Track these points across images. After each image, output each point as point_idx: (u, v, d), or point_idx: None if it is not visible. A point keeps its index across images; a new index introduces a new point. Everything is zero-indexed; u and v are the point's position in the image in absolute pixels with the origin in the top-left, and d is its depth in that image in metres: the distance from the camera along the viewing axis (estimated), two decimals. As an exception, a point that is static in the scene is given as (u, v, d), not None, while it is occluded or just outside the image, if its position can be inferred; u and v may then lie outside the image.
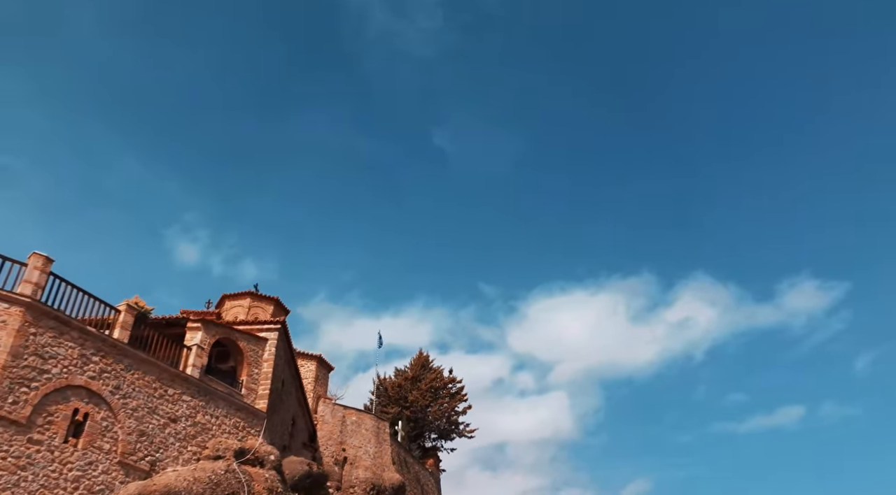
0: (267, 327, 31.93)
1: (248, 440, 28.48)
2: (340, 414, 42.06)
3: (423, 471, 50.28)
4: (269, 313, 50.99)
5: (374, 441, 42.34)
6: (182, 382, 26.22)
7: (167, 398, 25.43)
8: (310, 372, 46.74)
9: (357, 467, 40.65)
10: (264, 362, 30.95)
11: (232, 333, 30.01)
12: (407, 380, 54.24)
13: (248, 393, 29.62)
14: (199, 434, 26.37)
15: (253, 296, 51.58)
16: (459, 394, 56.12)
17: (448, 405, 53.20)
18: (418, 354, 57.00)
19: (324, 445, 40.53)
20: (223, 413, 27.77)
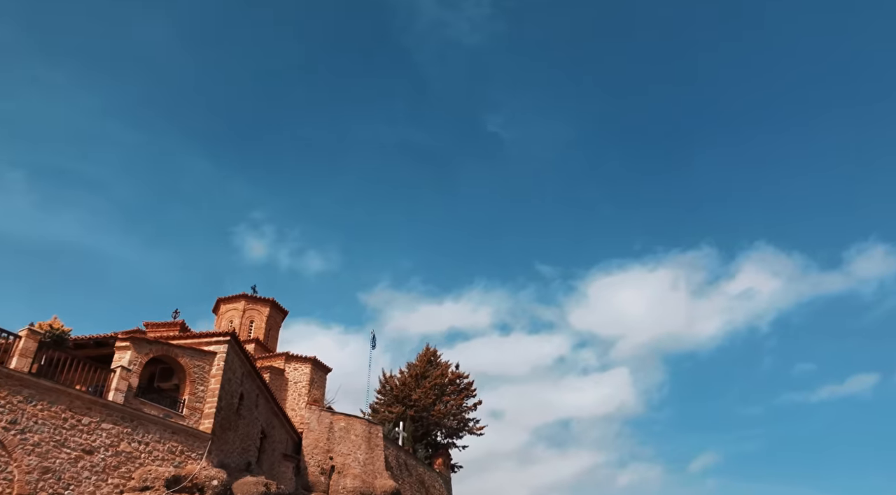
0: (216, 340, 29.13)
1: (187, 465, 25.83)
2: (328, 421, 39.28)
3: (429, 473, 47.21)
4: (264, 316, 48.77)
5: (365, 447, 39.42)
6: (100, 409, 23.60)
7: (81, 428, 22.84)
8: (304, 375, 44.12)
9: (345, 476, 37.84)
10: (211, 378, 28.19)
11: (170, 350, 27.31)
12: (412, 378, 51.15)
13: (191, 413, 26.92)
14: (124, 464, 23.76)
15: (248, 298, 49.38)
16: (468, 390, 52.78)
17: (455, 402, 49.92)
18: (425, 349, 53.84)
19: (309, 454, 37.84)
20: (155, 438, 25.12)
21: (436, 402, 48.77)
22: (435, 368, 51.44)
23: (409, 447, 45.94)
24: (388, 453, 42.06)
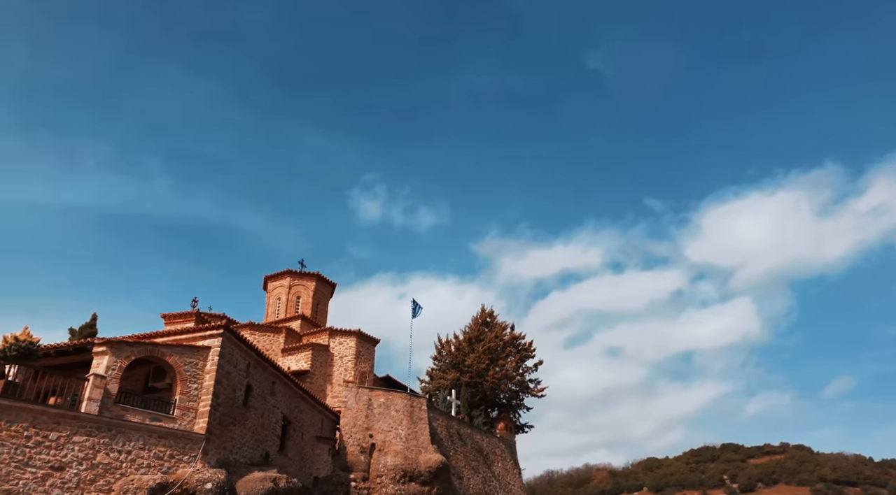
0: (210, 334, 27.01)
1: (177, 470, 24.03)
2: (366, 398, 36.97)
3: (488, 439, 44.33)
4: (310, 290, 46.91)
5: (407, 422, 36.91)
6: (70, 422, 21.96)
7: (48, 444, 21.27)
8: (349, 349, 42.07)
9: (386, 453, 35.56)
10: (206, 374, 26.14)
11: (155, 350, 25.39)
12: (466, 342, 48.05)
13: (183, 413, 25.00)
14: (101, 476, 22.12)
15: (292, 274, 47.68)
16: (527, 351, 49.12)
17: (511, 365, 46.44)
18: (480, 311, 50.38)
19: (347, 434, 35.76)
20: (138, 445, 23.35)
21: (490, 367, 45.52)
22: (490, 330, 48.07)
23: (465, 414, 43.16)
24: (438, 424, 39.44)
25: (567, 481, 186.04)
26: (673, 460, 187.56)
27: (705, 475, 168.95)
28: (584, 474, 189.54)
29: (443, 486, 35.84)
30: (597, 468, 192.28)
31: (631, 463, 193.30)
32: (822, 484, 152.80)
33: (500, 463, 43.97)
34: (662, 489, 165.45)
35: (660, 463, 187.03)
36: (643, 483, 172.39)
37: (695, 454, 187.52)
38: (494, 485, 42.08)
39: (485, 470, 41.82)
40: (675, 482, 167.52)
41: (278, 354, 41.48)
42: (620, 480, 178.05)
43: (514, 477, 45.26)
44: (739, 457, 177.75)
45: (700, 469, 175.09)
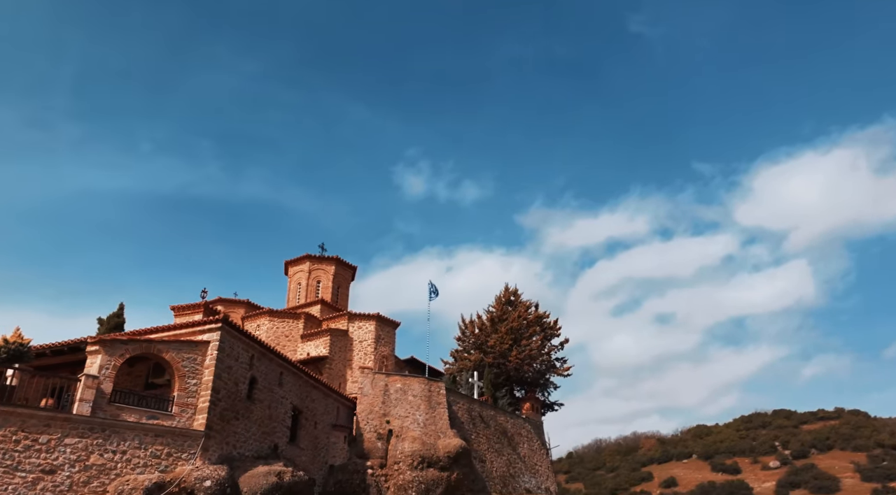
0: (208, 328, 26.28)
1: (175, 468, 23.50)
2: (382, 383, 36.06)
3: (513, 421, 43.09)
4: (330, 274, 46.15)
5: (425, 407, 35.93)
6: (62, 424, 21.55)
7: (38, 447, 20.91)
8: (368, 333, 41.28)
9: (403, 439, 34.69)
10: (205, 370, 25.48)
11: (151, 347, 24.80)
12: (489, 322, 46.67)
13: (182, 410, 24.42)
14: (95, 478, 21.70)
15: (312, 258, 46.98)
16: (552, 329, 47.48)
17: (534, 344, 44.89)
18: (504, 290, 48.86)
19: (364, 420, 34.98)
20: (134, 445, 22.86)
21: (513, 347, 44.09)
22: (514, 309, 46.56)
23: (488, 396, 41.99)
24: (458, 408, 38.38)
25: (615, 449, 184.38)
26: (723, 427, 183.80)
27: (756, 442, 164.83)
28: (633, 442, 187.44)
29: (463, 471, 34.87)
30: (645, 436, 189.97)
31: (680, 431, 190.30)
32: (880, 450, 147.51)
33: (525, 445, 42.78)
34: (712, 456, 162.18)
35: (709, 430, 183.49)
36: (692, 450, 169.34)
37: (745, 421, 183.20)
38: (519, 467, 40.96)
39: (509, 452, 40.71)
40: (725, 449, 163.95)
41: (297, 340, 40.94)
42: (669, 448, 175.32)
43: (542, 457, 44.05)
44: (792, 424, 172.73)
45: (751, 436, 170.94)
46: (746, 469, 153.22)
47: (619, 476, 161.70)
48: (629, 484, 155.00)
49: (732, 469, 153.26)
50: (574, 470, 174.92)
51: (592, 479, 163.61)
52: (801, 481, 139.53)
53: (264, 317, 41.33)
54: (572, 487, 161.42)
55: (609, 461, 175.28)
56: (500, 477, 38.52)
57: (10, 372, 22.21)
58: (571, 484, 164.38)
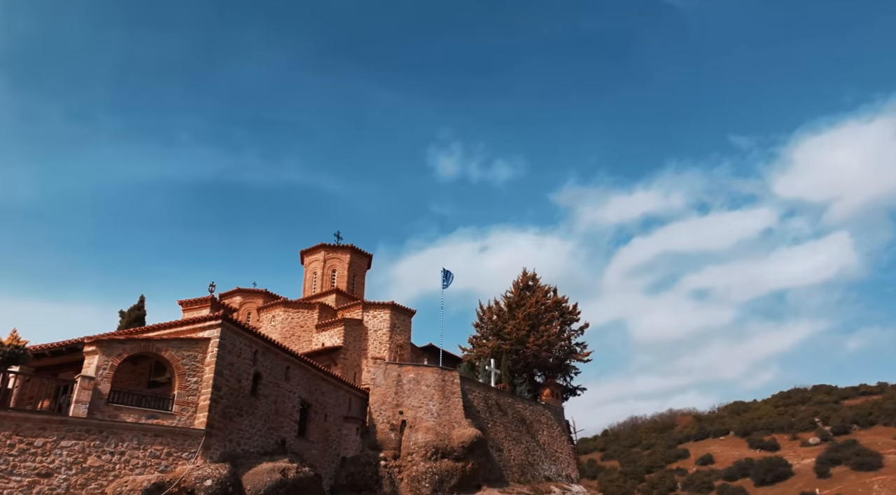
0: (209, 324, 25.78)
1: (176, 468, 23.15)
2: (395, 373, 35.39)
3: (532, 408, 42.11)
4: (345, 263, 45.57)
5: (439, 396, 35.18)
6: (57, 426, 21.24)
7: (34, 451, 20.62)
8: (383, 322, 40.58)
9: (417, 430, 34.04)
10: (206, 367, 25.02)
11: (150, 345, 24.39)
12: (507, 308, 45.54)
13: (182, 409, 24.03)
14: (93, 480, 21.41)
15: (326, 247, 46.40)
16: (572, 314, 46.19)
17: (552, 330, 43.62)
18: (522, 274, 47.64)
19: (377, 412, 34.40)
20: (133, 445, 22.51)
21: (530, 333, 42.95)
22: (532, 295, 45.33)
23: (506, 383, 41.06)
24: (474, 396, 37.56)
25: (651, 426, 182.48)
26: (761, 403, 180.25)
27: (795, 418, 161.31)
28: (668, 419, 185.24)
29: (478, 461, 34.13)
30: (681, 413, 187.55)
31: (717, 407, 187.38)
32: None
33: (545, 432, 41.83)
34: (750, 433, 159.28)
35: (747, 406, 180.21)
36: (729, 427, 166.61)
37: (784, 396, 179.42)
38: (539, 455, 40.05)
39: (528, 440, 39.81)
40: (763, 426, 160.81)
41: (312, 331, 40.47)
42: (706, 425, 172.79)
43: (562, 444, 43.06)
44: (833, 399, 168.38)
45: (790, 412, 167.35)
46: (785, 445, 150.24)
47: (654, 453, 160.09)
48: (665, 462, 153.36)
49: (770, 445, 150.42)
50: (609, 448, 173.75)
51: (628, 457, 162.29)
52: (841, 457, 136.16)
53: (279, 308, 40.93)
54: (608, 465, 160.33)
55: (645, 438, 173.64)
56: (518, 465, 37.69)
57: (9, 375, 22.00)
58: (607, 461, 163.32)
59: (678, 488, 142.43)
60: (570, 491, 39.26)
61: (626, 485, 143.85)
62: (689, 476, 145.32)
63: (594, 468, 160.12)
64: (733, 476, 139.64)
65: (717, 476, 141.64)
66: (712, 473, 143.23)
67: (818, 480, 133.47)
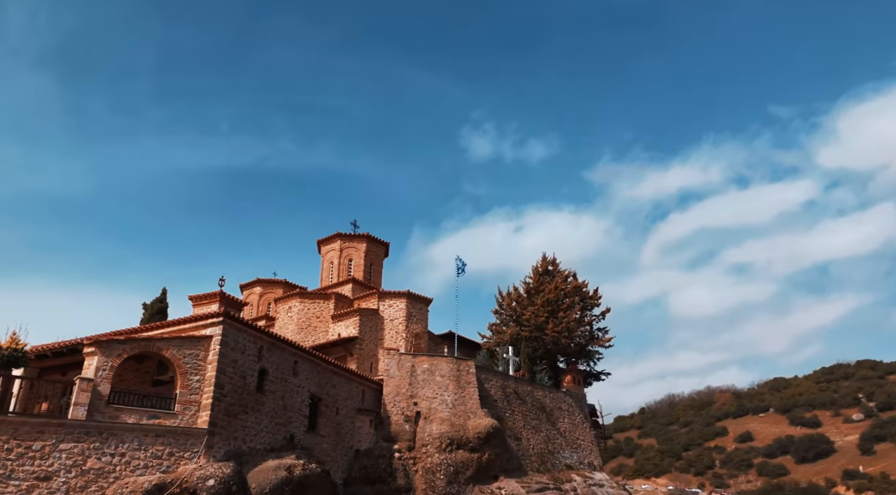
0: (211, 322, 25.32)
1: (178, 468, 22.82)
2: (409, 364, 34.69)
3: (552, 395, 41.05)
4: (361, 252, 44.95)
5: (454, 387, 34.41)
6: (56, 429, 21.03)
7: (31, 455, 20.44)
8: (399, 311, 39.95)
9: (431, 421, 33.38)
10: (208, 365, 24.60)
11: (150, 345, 24.02)
12: (525, 295, 44.34)
13: (185, 408, 23.65)
14: (93, 482, 21.18)
15: (342, 237, 45.85)
16: (593, 299, 44.80)
17: (571, 316, 42.29)
18: (542, 259, 46.32)
19: (391, 403, 33.80)
20: (133, 446, 22.22)
21: (548, 320, 41.74)
22: (551, 280, 44.04)
23: (525, 371, 40.04)
24: (491, 385, 36.70)
25: (688, 404, 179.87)
26: (802, 379, 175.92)
27: (838, 394, 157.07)
28: (706, 396, 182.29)
29: (495, 451, 33.35)
30: (720, 390, 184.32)
31: (756, 384, 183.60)
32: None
33: (566, 419, 40.78)
34: (790, 409, 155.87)
35: (787, 382, 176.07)
36: (769, 404, 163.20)
37: (826, 372, 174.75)
38: (559, 443, 39.07)
39: (548, 428, 38.84)
40: (805, 402, 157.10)
41: (328, 321, 39.99)
42: (745, 401, 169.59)
43: (584, 431, 41.96)
44: (877, 374, 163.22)
45: (832, 388, 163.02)
46: (827, 422, 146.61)
47: (692, 431, 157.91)
48: (703, 440, 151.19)
49: (812, 422, 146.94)
50: (647, 426, 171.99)
51: (665, 434, 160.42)
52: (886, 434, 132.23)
53: (295, 299, 40.53)
54: (645, 443, 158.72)
55: (682, 416, 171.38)
56: (537, 454, 36.80)
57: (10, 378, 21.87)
58: (644, 439, 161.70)
59: (716, 466, 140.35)
60: (593, 478, 38.26)
61: (662, 463, 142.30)
62: (728, 453, 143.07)
63: (631, 446, 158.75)
64: (773, 453, 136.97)
65: (757, 453, 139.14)
66: (751, 451, 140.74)
67: (862, 457, 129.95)
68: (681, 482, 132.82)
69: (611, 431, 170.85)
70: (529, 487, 33.67)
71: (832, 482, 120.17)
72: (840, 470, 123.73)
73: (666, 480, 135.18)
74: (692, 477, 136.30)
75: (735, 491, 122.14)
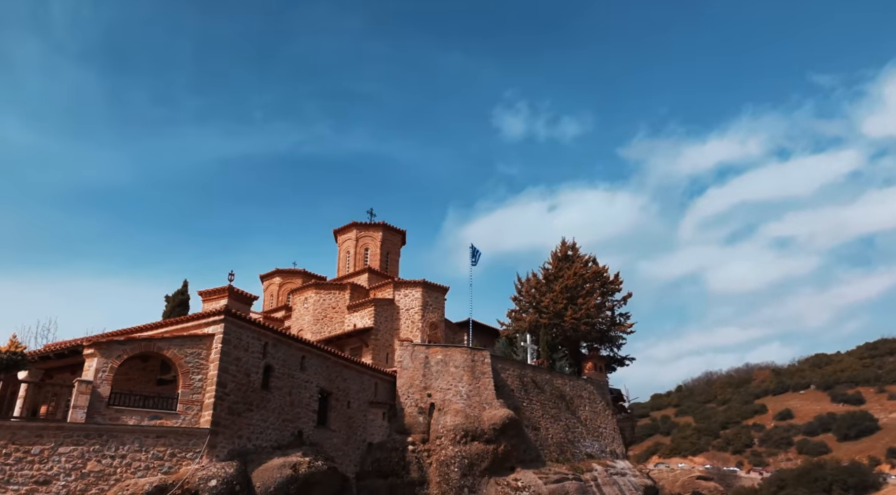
0: (212, 320, 24.86)
1: (180, 469, 22.51)
2: (422, 355, 33.94)
3: (572, 383, 39.90)
4: (378, 241, 44.27)
5: (468, 377, 33.58)
6: (55, 433, 20.83)
7: (30, 459, 20.28)
8: (415, 301, 39.28)
9: (446, 413, 32.65)
10: (210, 364, 24.19)
11: (150, 345, 23.66)
12: (544, 281, 43.04)
13: (187, 408, 23.31)
14: (93, 485, 20.97)
15: (358, 226, 45.16)
16: (614, 284, 43.30)
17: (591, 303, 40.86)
18: (560, 244, 44.91)
19: (404, 395, 33.16)
20: (134, 448, 21.95)
21: (567, 307, 40.43)
22: (570, 266, 42.66)
23: (545, 359, 38.95)
24: (508, 375, 35.77)
25: (726, 381, 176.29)
26: (844, 355, 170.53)
27: (882, 370, 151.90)
28: (745, 374, 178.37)
29: (511, 443, 32.48)
30: (758, 367, 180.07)
31: (797, 360, 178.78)
32: None
33: (587, 407, 39.64)
34: (832, 386, 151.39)
35: (829, 358, 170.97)
36: (810, 380, 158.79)
37: (870, 348, 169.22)
38: (580, 432, 38.01)
39: (567, 417, 37.79)
40: (847, 378, 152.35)
41: (344, 312, 39.44)
42: (785, 378, 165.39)
43: (606, 418, 40.78)
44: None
45: (876, 363, 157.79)
46: (871, 399, 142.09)
47: (730, 409, 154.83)
48: (741, 418, 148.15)
49: (855, 399, 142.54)
50: (684, 404, 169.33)
51: (702, 413, 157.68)
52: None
53: (310, 290, 40.06)
54: (682, 421, 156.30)
55: (720, 393, 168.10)
56: (556, 444, 35.84)
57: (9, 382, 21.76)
58: (681, 417, 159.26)
59: (755, 444, 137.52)
60: (615, 467, 37.18)
61: (699, 442, 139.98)
62: (767, 431, 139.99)
63: (668, 424, 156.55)
64: (814, 431, 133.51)
65: (797, 431, 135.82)
66: (791, 428, 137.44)
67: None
68: (718, 460, 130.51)
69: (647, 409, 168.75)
70: (547, 478, 32.74)
71: (876, 460, 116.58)
72: (884, 449, 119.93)
73: (703, 459, 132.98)
74: (730, 456, 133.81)
75: (774, 469, 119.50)
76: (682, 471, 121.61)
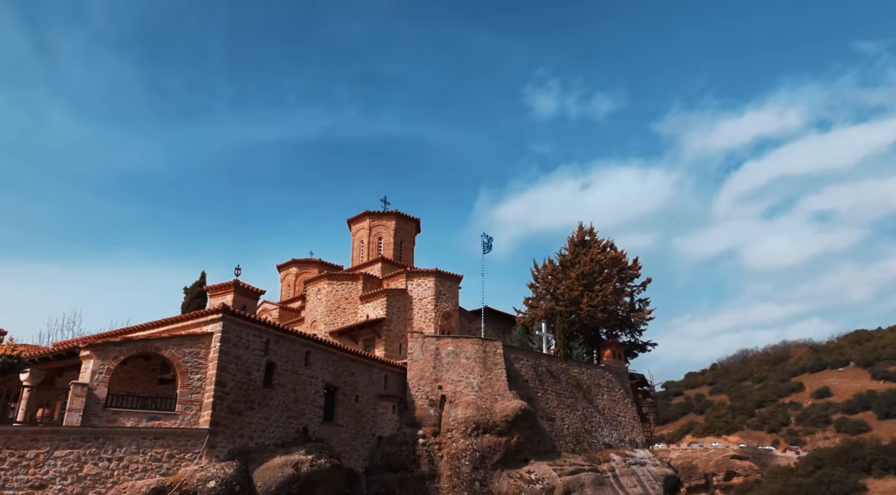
0: (211, 319, 24.35)
1: (179, 470, 22.14)
2: (433, 347, 33.11)
3: (589, 371, 38.68)
4: (391, 230, 43.50)
5: (479, 369, 32.68)
6: (50, 437, 20.56)
7: (25, 464, 20.04)
8: (427, 290, 38.49)
9: (457, 405, 31.86)
10: (209, 363, 23.72)
11: (148, 345, 23.24)
12: (561, 267, 41.65)
13: (186, 408, 22.91)
14: (90, 488, 20.68)
15: (371, 215, 44.41)
16: (633, 269, 41.71)
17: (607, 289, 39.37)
18: (577, 230, 43.36)
19: (415, 387, 32.43)
20: (132, 450, 21.60)
21: (583, 294, 39.06)
22: (587, 251, 41.17)
23: (561, 347, 37.80)
24: (521, 365, 34.78)
25: (762, 359, 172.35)
26: (886, 331, 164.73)
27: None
28: (782, 351, 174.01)
29: (524, 434, 31.62)
30: (795, 344, 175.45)
31: (836, 337, 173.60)
32: None
33: (605, 396, 38.45)
34: (873, 364, 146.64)
35: (870, 335, 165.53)
36: (849, 357, 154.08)
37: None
38: (597, 421, 36.90)
39: (584, 406, 36.69)
40: (889, 355, 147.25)
41: (357, 302, 38.80)
42: (823, 356, 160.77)
43: (625, 407, 39.56)
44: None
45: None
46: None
47: (766, 387, 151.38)
48: (777, 396, 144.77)
49: None
50: (719, 382, 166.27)
51: (738, 391, 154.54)
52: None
53: (323, 281, 39.47)
54: (716, 399, 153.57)
55: (756, 371, 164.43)
56: (572, 434, 34.83)
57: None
58: (715, 395, 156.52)
59: (791, 422, 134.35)
60: (633, 457, 36.05)
61: (734, 421, 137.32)
62: (804, 409, 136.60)
63: (702, 403, 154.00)
64: (853, 409, 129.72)
65: (835, 409, 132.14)
66: (829, 406, 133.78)
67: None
68: (753, 439, 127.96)
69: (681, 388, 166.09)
70: (562, 470, 31.81)
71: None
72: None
73: (738, 437, 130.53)
74: (765, 435, 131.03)
75: (811, 448, 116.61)
76: (717, 451, 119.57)
